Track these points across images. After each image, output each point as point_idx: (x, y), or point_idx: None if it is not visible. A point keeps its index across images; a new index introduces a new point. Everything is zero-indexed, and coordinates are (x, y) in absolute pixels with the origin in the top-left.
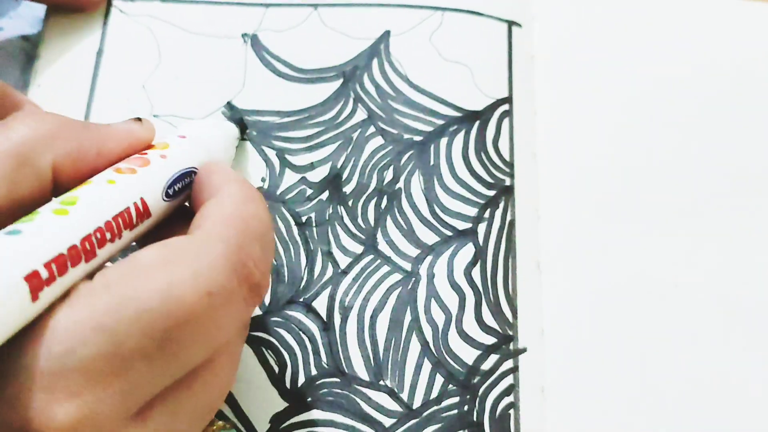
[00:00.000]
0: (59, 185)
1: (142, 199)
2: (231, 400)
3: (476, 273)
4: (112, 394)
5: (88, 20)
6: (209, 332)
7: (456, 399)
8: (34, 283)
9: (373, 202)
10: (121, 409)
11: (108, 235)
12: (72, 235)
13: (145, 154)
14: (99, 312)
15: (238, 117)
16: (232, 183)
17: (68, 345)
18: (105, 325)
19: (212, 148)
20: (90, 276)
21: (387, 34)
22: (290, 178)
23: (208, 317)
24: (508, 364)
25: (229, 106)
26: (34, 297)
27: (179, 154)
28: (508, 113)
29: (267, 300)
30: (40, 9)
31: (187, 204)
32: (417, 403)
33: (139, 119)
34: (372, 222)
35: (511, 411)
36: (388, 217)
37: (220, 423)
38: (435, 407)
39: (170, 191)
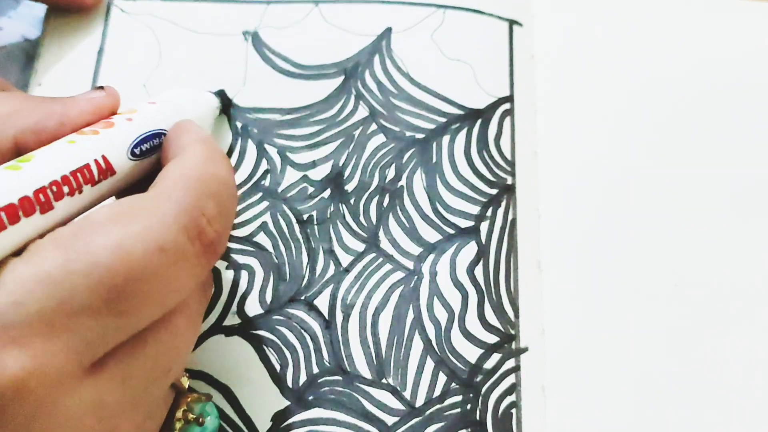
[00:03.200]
0: None
1: (104, 156)
2: (232, 399)
3: (479, 271)
4: (62, 347)
5: (88, 19)
6: (161, 289)
7: (459, 398)
8: None
9: (375, 200)
10: (71, 362)
11: (66, 189)
12: (24, 187)
13: (110, 118)
14: (47, 265)
15: (219, 89)
16: (196, 143)
17: (16, 297)
18: (53, 279)
19: (184, 112)
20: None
21: (388, 31)
22: (292, 175)
23: (159, 274)
24: (510, 363)
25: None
26: None
27: (147, 117)
28: (509, 112)
29: (268, 298)
30: (40, 9)
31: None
32: (420, 402)
33: (102, 87)
34: (374, 220)
35: (513, 410)
36: (390, 215)
37: (195, 395)
38: (438, 406)
39: (136, 150)
